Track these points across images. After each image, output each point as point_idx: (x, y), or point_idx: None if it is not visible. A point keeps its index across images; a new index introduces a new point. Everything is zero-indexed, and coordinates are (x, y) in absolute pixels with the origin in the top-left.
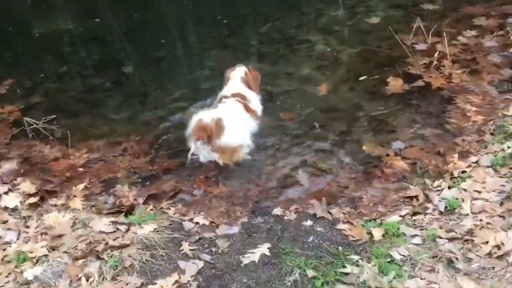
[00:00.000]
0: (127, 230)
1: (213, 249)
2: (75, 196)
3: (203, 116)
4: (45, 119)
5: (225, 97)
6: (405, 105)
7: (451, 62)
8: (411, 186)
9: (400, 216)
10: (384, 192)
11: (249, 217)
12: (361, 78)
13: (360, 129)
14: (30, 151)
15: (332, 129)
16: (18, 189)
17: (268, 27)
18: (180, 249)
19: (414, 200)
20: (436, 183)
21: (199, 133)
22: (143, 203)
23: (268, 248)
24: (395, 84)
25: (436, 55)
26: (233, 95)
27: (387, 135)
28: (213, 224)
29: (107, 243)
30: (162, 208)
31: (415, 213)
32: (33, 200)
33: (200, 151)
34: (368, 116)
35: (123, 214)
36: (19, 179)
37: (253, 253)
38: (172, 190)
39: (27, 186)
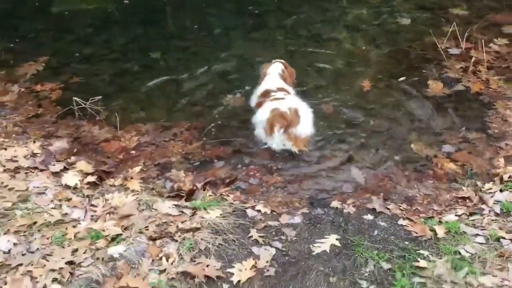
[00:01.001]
0: (193, 214)
1: (282, 237)
2: (132, 178)
3: (278, 105)
4: (92, 99)
5: (272, 90)
6: (446, 108)
7: (487, 68)
8: (463, 187)
9: (457, 215)
10: (437, 192)
11: (308, 208)
12: (400, 79)
13: (403, 128)
14: (79, 131)
15: (375, 126)
16: (75, 167)
17: (293, 20)
18: (249, 235)
19: (467, 201)
20: (487, 186)
21: (281, 121)
22: (202, 189)
23: (337, 239)
24: (435, 87)
25: (472, 60)
26: (279, 89)
27: (432, 136)
28: (274, 213)
29: (177, 226)
30: (222, 194)
31: (471, 214)
32: (91, 179)
33: (275, 139)
34: (411, 116)
35: (183, 198)
36: (73, 157)
37: (322, 242)
38: (228, 177)
39: (83, 165)
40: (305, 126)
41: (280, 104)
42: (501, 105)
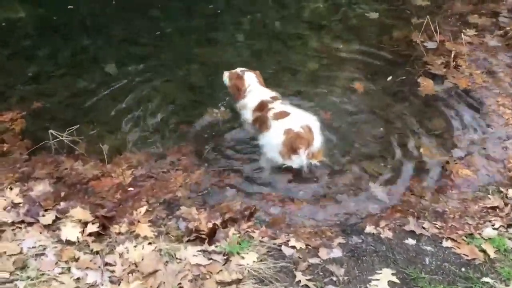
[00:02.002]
0: (226, 261)
1: (333, 278)
2: (139, 221)
3: (290, 125)
4: (69, 130)
5: (267, 101)
6: (442, 107)
7: (465, 61)
8: (489, 196)
9: (494, 229)
10: (464, 204)
11: (343, 237)
12: (388, 78)
13: (405, 133)
14: (60, 169)
15: (376, 132)
16: (69, 216)
17: (249, 19)
18: (296, 280)
19: (498, 210)
20: (511, 191)
21: (303, 144)
22: (222, 227)
23: (392, 274)
24: (426, 85)
25: (453, 55)
26: (273, 98)
27: (436, 139)
28: (310, 247)
29: (215, 279)
30: (247, 231)
31: (509, 226)
32: (93, 228)
33: (297, 162)
34: (409, 118)
35: (205, 241)
36: (62, 203)
37: (377, 279)
38: (246, 209)
39: (79, 212)
40: (319, 138)
41: (290, 122)
42: (493, 102)
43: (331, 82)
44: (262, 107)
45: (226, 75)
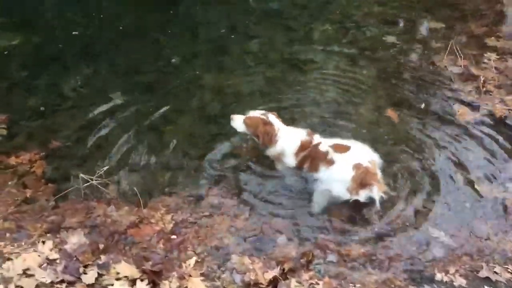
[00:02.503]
0: None
1: None
2: (190, 275)
3: (359, 160)
4: (99, 172)
5: (310, 140)
6: (481, 137)
7: (494, 87)
8: None
9: None
10: None
11: (413, 286)
12: (422, 106)
13: (452, 166)
14: (92, 216)
15: (420, 165)
16: (114, 272)
17: (257, 44)
18: None
19: None
20: None
21: (374, 179)
22: (283, 278)
23: None
24: (463, 113)
25: (482, 80)
26: (310, 134)
27: (485, 171)
28: None
29: None
30: (311, 283)
31: None
32: (142, 287)
33: (364, 195)
34: (452, 149)
35: None
36: (103, 257)
37: None
38: (301, 256)
39: (125, 268)
40: (380, 170)
41: (356, 157)
42: None
43: (357, 110)
44: (305, 146)
45: (239, 120)
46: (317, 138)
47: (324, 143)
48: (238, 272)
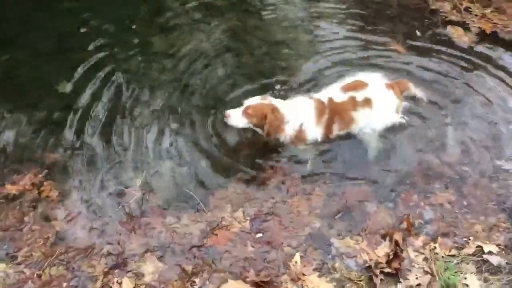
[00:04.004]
0: None
1: None
2: (303, 274)
3: (384, 80)
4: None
5: (321, 102)
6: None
7: (469, 2)
8: None
9: None
10: None
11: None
12: (418, 34)
13: None
14: (152, 233)
15: None
16: None
17: None
18: None
19: None
20: None
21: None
22: (399, 251)
23: None
24: (461, 34)
25: None
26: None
27: None
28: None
29: None
30: (430, 249)
31: None
32: None
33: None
34: None
35: (397, 275)
36: (198, 280)
37: None
38: (401, 221)
39: (236, 286)
40: None
41: (377, 82)
42: None
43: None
44: (322, 109)
45: (236, 114)
46: (323, 93)
47: (336, 93)
48: (348, 256)
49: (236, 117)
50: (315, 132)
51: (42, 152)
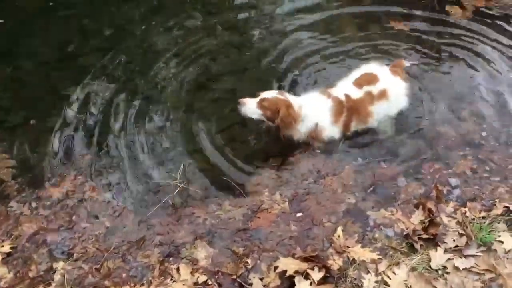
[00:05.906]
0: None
1: None
2: (347, 246)
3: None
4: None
5: (338, 99)
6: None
7: None
8: None
9: None
10: None
11: None
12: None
13: None
14: (197, 221)
15: None
16: (276, 272)
17: None
18: None
19: None
20: None
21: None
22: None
23: None
24: (459, 12)
25: None
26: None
27: None
28: None
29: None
30: (461, 213)
31: None
32: (318, 276)
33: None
34: None
35: (434, 241)
36: (250, 260)
37: None
38: (431, 190)
39: (288, 263)
40: None
41: (385, 72)
42: None
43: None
44: (340, 106)
45: (251, 104)
46: (339, 87)
47: (351, 89)
48: (386, 226)
49: (250, 107)
50: (332, 131)
51: (75, 154)
